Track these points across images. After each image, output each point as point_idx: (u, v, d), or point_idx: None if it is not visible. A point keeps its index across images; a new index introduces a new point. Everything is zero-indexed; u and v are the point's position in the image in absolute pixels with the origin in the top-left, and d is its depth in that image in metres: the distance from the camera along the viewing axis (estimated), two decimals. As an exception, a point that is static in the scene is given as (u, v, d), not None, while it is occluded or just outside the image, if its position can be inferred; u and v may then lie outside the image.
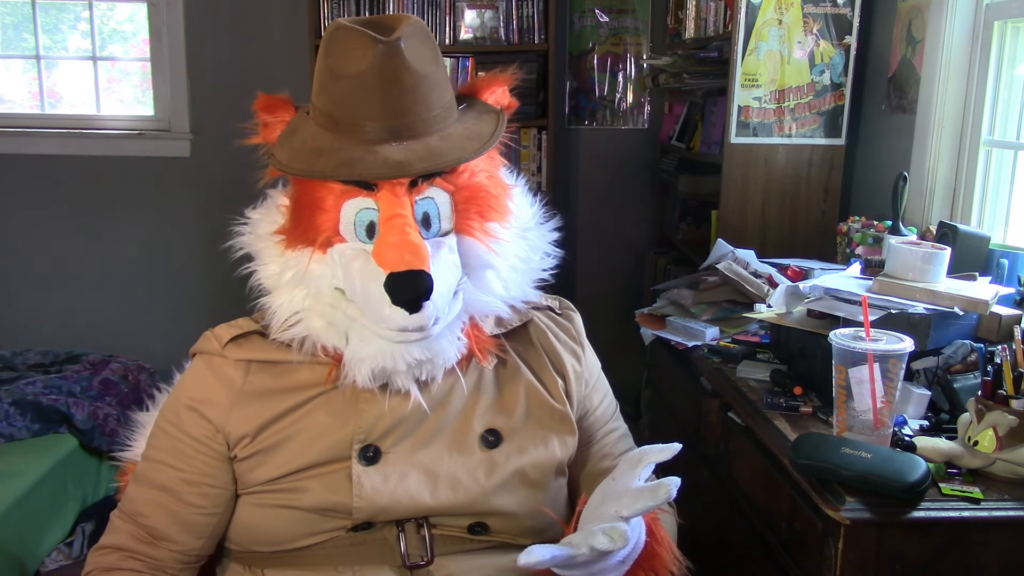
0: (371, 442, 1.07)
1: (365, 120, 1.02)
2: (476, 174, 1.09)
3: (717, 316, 2.10)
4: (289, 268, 1.08)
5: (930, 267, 1.65)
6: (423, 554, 1.08)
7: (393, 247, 1.00)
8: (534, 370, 1.19)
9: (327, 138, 1.04)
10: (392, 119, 1.02)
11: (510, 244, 1.12)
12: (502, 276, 1.12)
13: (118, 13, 3.74)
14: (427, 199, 1.05)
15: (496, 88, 1.15)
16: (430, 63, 1.05)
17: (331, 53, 1.04)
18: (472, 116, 1.11)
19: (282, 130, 1.09)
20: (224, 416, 1.09)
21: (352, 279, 1.03)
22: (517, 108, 1.17)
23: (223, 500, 1.11)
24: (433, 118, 1.04)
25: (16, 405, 2.67)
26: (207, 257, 3.69)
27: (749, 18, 2.53)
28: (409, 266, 0.98)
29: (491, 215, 1.10)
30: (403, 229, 1.01)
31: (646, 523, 1.02)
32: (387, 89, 1.01)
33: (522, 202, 1.17)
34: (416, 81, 1.02)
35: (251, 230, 1.14)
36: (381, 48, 1.00)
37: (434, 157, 1.02)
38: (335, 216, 1.05)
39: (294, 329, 1.08)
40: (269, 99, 1.11)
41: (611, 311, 3.50)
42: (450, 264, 1.04)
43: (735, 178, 2.64)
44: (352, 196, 1.04)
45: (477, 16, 3.37)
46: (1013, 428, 1.30)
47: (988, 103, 2.19)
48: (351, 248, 1.04)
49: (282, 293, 1.09)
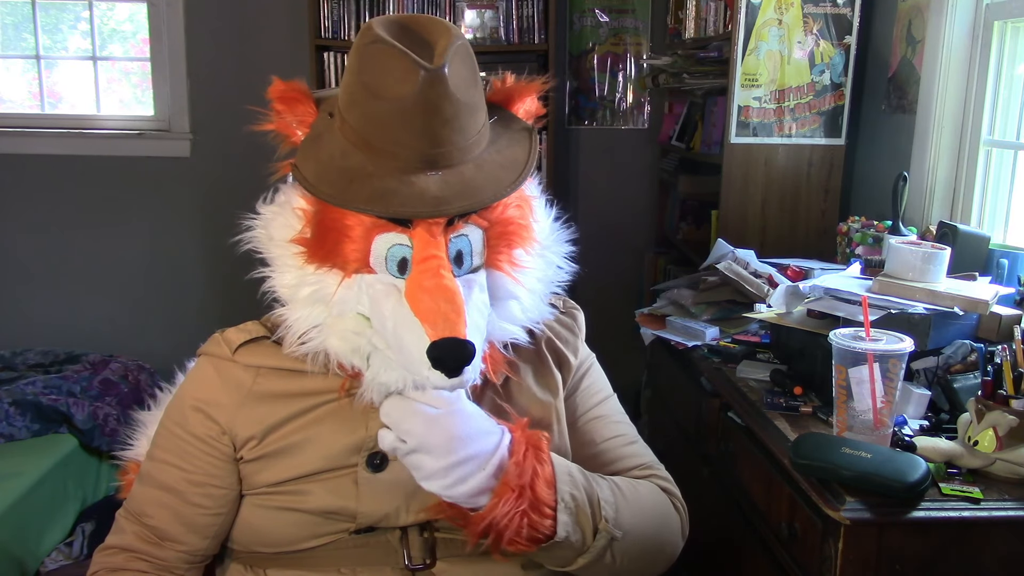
0: (379, 450, 1.07)
1: (400, 147, 0.98)
2: (508, 207, 1.06)
3: (717, 316, 2.10)
4: (308, 284, 1.04)
5: (930, 267, 1.65)
6: (426, 558, 1.08)
7: (428, 293, 0.96)
8: (537, 369, 1.18)
9: (358, 159, 0.99)
10: (429, 148, 0.98)
11: (532, 268, 1.10)
12: (523, 303, 1.10)
13: (118, 13, 3.74)
14: (461, 236, 1.02)
15: (526, 97, 1.12)
16: (471, 86, 1.01)
17: (366, 69, 0.99)
18: (505, 138, 1.08)
19: (304, 133, 1.05)
20: (231, 417, 1.08)
21: (383, 318, 1.00)
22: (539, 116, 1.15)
23: (228, 500, 1.11)
24: (469, 145, 1.01)
25: (16, 405, 2.67)
26: (207, 257, 3.69)
27: (749, 18, 2.53)
28: (448, 325, 0.95)
29: (519, 244, 1.08)
30: (438, 272, 0.97)
31: (524, 449, 0.98)
32: (427, 119, 0.96)
33: (541, 215, 1.14)
34: (456, 110, 0.98)
35: (263, 228, 1.09)
36: (424, 76, 0.95)
37: (471, 194, 0.99)
38: (364, 248, 1.01)
39: (310, 344, 1.05)
40: (287, 88, 1.06)
41: (611, 311, 3.50)
42: (481, 306, 1.02)
43: (735, 178, 2.64)
44: (385, 231, 1.00)
45: (477, 16, 3.37)
46: (1013, 428, 1.31)
47: (988, 103, 2.19)
48: (381, 282, 1.01)
49: (299, 308, 1.05)
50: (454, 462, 0.94)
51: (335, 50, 3.34)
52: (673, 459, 2.15)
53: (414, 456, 0.95)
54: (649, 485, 1.17)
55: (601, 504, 1.04)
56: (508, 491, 0.96)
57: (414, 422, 0.95)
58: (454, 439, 0.95)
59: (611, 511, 1.04)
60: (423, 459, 0.95)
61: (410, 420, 0.96)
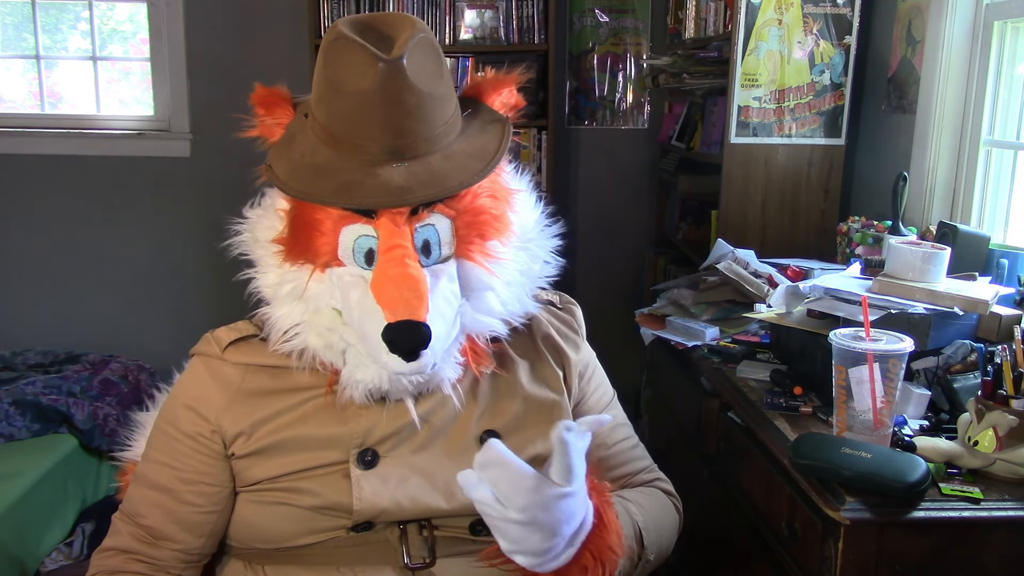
0: (369, 446, 1.07)
1: (365, 140, 0.99)
2: (478, 196, 1.07)
3: (717, 316, 2.10)
4: (287, 281, 1.06)
5: (930, 267, 1.65)
6: (425, 555, 1.08)
7: (392, 281, 0.97)
8: (533, 364, 1.18)
9: (326, 154, 1.01)
10: (393, 139, 0.99)
11: (510, 260, 1.10)
12: (500, 295, 1.10)
13: (118, 13, 3.74)
14: (428, 226, 1.02)
15: (502, 90, 1.12)
16: (433, 78, 1.01)
17: (330, 64, 1.01)
18: (476, 128, 1.08)
19: (280, 135, 1.07)
20: (220, 414, 1.09)
21: (350, 309, 1.01)
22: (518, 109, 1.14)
23: (221, 498, 1.11)
24: (435, 136, 1.02)
25: (16, 405, 2.67)
26: (207, 257, 3.69)
27: (749, 18, 2.53)
28: (408, 309, 0.96)
29: (492, 235, 1.08)
30: (403, 261, 0.98)
31: (595, 507, 1.01)
32: (388, 110, 0.98)
33: (525, 208, 1.14)
34: (419, 101, 0.99)
35: (249, 231, 1.12)
36: (383, 68, 0.96)
37: (436, 182, 0.99)
38: (333, 240, 1.03)
39: (292, 342, 1.07)
40: (267, 94, 1.08)
41: (611, 311, 3.50)
42: (449, 295, 1.02)
43: (735, 178, 2.64)
44: (351, 222, 1.02)
45: (477, 16, 3.37)
46: (1013, 428, 1.30)
47: (988, 103, 2.19)
48: (350, 274, 1.02)
49: (280, 305, 1.07)
50: (557, 542, 0.94)
51: (335, 50, 3.34)
52: (673, 459, 2.15)
53: (516, 528, 0.91)
54: (660, 494, 1.24)
55: (642, 535, 1.12)
56: (590, 559, 0.99)
57: (532, 499, 0.90)
58: (562, 523, 0.93)
59: (649, 540, 1.12)
60: (528, 535, 0.92)
61: (527, 497, 0.90)
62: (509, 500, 0.90)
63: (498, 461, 0.90)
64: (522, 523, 0.90)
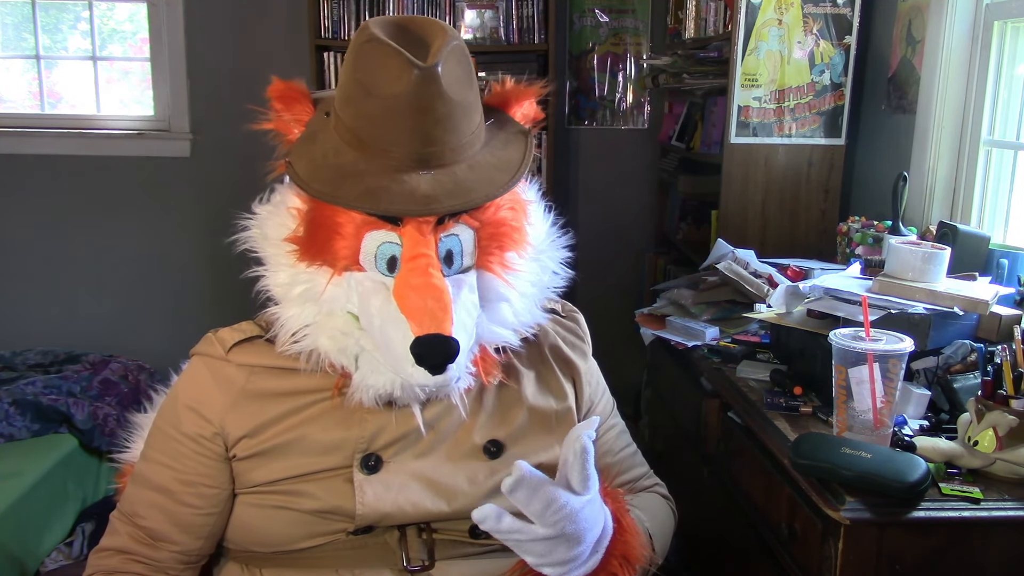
0: (372, 451, 1.06)
1: (392, 145, 0.98)
2: (500, 208, 1.06)
3: (717, 316, 2.10)
4: (300, 282, 1.04)
5: (930, 267, 1.65)
6: (424, 558, 1.07)
7: (416, 290, 0.97)
8: (540, 374, 1.18)
9: (350, 156, 1.00)
10: (421, 147, 0.98)
11: (525, 271, 1.10)
12: (514, 305, 1.10)
13: (118, 13, 3.74)
14: (451, 236, 1.02)
15: (524, 101, 1.12)
16: (465, 86, 1.01)
17: (361, 67, 0.99)
18: (500, 139, 1.08)
19: (300, 132, 1.05)
20: (223, 416, 1.08)
21: (370, 315, 1.00)
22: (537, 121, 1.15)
23: (220, 500, 1.11)
24: (462, 145, 1.01)
25: (16, 405, 2.67)
26: (207, 257, 3.69)
27: (749, 18, 2.53)
28: (434, 321, 0.95)
29: (511, 246, 1.08)
30: (427, 270, 0.97)
31: (613, 512, 1.02)
32: (420, 117, 0.96)
33: (537, 219, 1.14)
34: (449, 110, 0.98)
35: (258, 227, 1.09)
36: (417, 74, 0.94)
37: (462, 193, 0.98)
38: (355, 245, 1.01)
39: (302, 343, 1.05)
40: (285, 88, 1.06)
41: (611, 311, 3.50)
42: (470, 306, 1.01)
43: (735, 178, 2.64)
44: (374, 228, 1.00)
45: (477, 16, 3.37)
46: (1013, 428, 1.30)
47: (988, 103, 2.19)
48: (370, 280, 1.01)
49: (291, 306, 1.05)
50: (583, 549, 0.97)
51: (335, 50, 3.34)
52: (673, 459, 2.15)
53: (543, 543, 0.93)
54: (659, 500, 1.26)
55: (652, 542, 1.14)
56: (617, 565, 1.02)
57: (563, 514, 0.93)
58: (587, 531, 0.97)
59: (658, 545, 1.16)
60: (555, 547, 0.94)
61: (559, 512, 0.93)
62: (541, 518, 0.93)
63: (527, 482, 0.92)
64: (549, 537, 0.93)
